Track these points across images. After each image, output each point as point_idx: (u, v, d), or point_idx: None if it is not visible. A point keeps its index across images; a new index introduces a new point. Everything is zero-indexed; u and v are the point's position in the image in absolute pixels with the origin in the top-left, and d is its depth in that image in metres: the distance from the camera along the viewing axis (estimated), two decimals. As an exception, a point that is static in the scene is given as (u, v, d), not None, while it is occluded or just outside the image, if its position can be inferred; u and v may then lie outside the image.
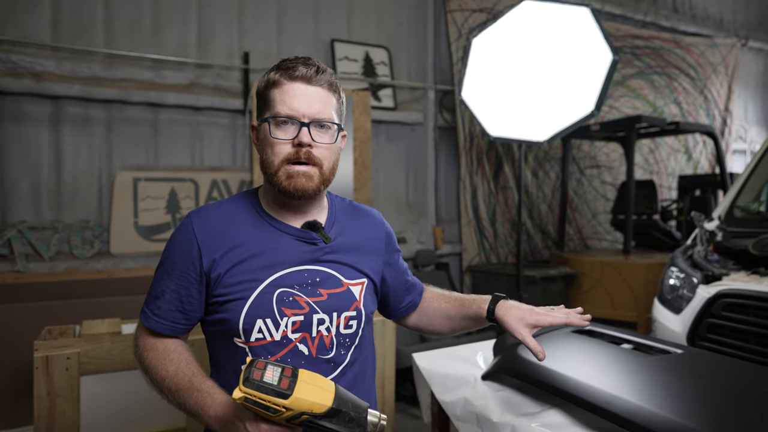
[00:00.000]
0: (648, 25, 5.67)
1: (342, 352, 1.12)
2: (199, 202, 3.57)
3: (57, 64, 3.19)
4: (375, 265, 1.20)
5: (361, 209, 1.27)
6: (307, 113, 1.04)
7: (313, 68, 1.06)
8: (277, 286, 1.06)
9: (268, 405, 0.84)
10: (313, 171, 1.06)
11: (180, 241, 1.08)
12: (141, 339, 1.10)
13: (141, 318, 1.10)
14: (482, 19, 4.51)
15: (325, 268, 1.11)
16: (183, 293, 1.06)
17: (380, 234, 1.25)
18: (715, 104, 6.21)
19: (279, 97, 1.05)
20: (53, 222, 3.22)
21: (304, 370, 0.90)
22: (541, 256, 4.92)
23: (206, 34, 3.61)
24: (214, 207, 1.13)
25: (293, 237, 1.10)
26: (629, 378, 1.33)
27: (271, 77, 1.07)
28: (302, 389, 0.86)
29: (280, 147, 1.05)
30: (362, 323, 1.15)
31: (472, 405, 1.48)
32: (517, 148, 4.69)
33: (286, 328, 1.06)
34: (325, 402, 0.87)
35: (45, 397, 1.79)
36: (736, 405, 1.19)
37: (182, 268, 1.06)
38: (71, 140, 3.28)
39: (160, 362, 1.04)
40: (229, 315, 1.05)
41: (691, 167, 6.05)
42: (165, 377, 1.02)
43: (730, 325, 2.25)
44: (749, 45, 6.62)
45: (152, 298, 1.09)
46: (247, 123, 3.71)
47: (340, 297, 1.11)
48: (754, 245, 2.52)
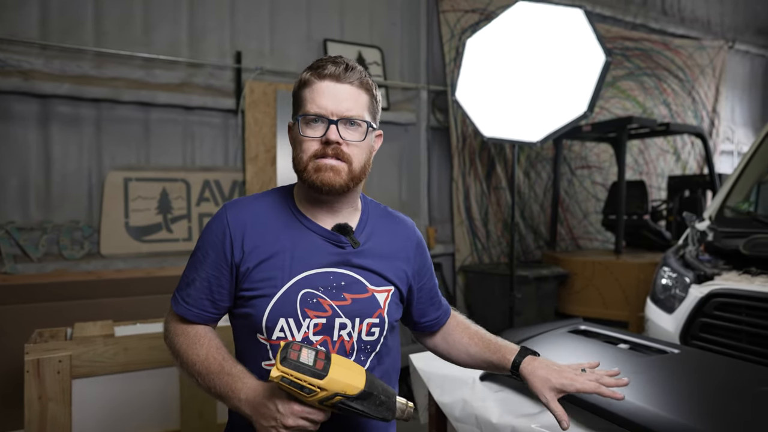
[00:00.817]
0: (638, 26, 5.72)
1: (362, 359, 1.12)
2: (191, 202, 3.54)
3: (46, 63, 3.14)
4: (402, 273, 1.19)
5: (395, 216, 1.27)
6: (336, 111, 1.05)
7: (342, 66, 1.07)
8: (302, 286, 1.06)
9: (304, 384, 0.86)
10: (341, 166, 1.06)
11: (213, 232, 1.10)
12: (172, 324, 1.12)
13: (171, 303, 1.12)
14: (475, 19, 4.52)
15: (351, 272, 1.10)
16: (213, 282, 1.08)
17: (411, 242, 1.23)
18: (703, 106, 6.29)
19: (309, 96, 1.06)
20: (42, 222, 3.17)
21: (336, 354, 0.94)
22: (533, 256, 4.94)
23: (198, 32, 3.58)
24: (249, 200, 1.15)
25: (322, 238, 1.10)
26: (628, 378, 1.33)
27: (303, 77, 1.09)
28: (336, 371, 0.89)
29: (309, 144, 1.06)
30: (384, 331, 1.14)
31: (471, 406, 1.48)
32: (510, 149, 4.71)
33: (307, 330, 1.06)
34: (358, 384, 0.90)
35: (36, 401, 1.75)
36: (734, 404, 1.20)
37: (214, 258, 1.08)
38: (60, 140, 3.23)
39: (191, 347, 1.06)
40: (254, 311, 1.06)
41: (680, 168, 6.12)
42: (195, 361, 1.04)
43: (722, 325, 2.28)
44: (736, 47, 6.70)
45: (184, 285, 1.11)
46: (240, 123, 3.68)
47: (364, 303, 1.10)
48: (745, 245, 2.55)
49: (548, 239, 5.04)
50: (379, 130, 1.16)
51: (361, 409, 0.90)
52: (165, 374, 1.99)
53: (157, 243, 3.42)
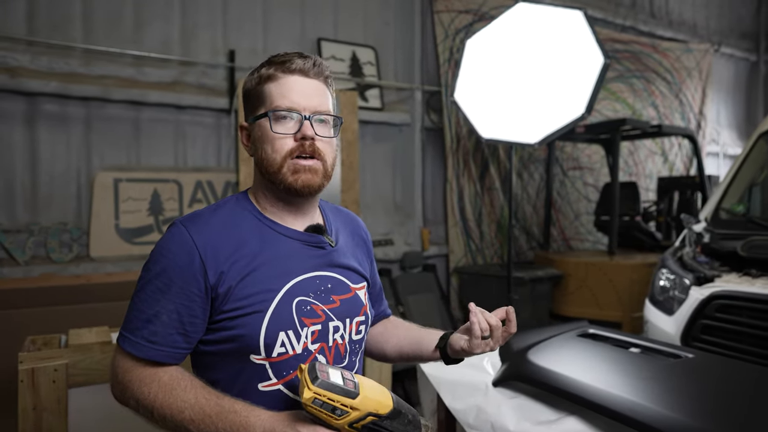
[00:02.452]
0: (627, 29, 5.77)
1: (353, 359, 1.09)
2: (183, 203, 3.46)
3: (32, 59, 3.04)
4: (367, 267, 1.20)
5: (344, 211, 1.26)
6: (308, 106, 1.00)
7: (311, 61, 1.02)
8: (293, 294, 0.99)
9: (336, 406, 0.80)
10: (317, 165, 1.01)
11: (176, 254, 0.95)
12: (131, 373, 0.94)
13: (126, 347, 0.94)
14: (468, 20, 4.51)
15: (334, 273, 1.07)
16: (184, 313, 0.94)
17: (365, 236, 1.25)
18: (690, 108, 6.37)
19: (277, 90, 1.00)
20: (28, 224, 3.07)
21: (357, 374, 0.90)
22: (525, 257, 4.95)
23: (190, 30, 3.51)
24: (208, 214, 1.03)
25: (300, 242, 1.05)
26: (647, 384, 1.32)
27: (264, 72, 1.02)
28: (366, 389, 0.84)
29: (282, 142, 0.99)
30: (368, 328, 1.13)
31: (485, 413, 1.45)
32: (505, 151, 4.71)
33: (306, 339, 1.00)
34: (388, 402, 0.85)
35: (31, 412, 1.68)
36: (759, 410, 1.19)
37: (181, 285, 0.94)
38: (48, 139, 3.13)
39: (171, 394, 0.90)
40: (246, 330, 0.95)
41: (667, 169, 6.19)
42: (183, 408, 0.88)
43: (723, 326, 2.29)
44: (721, 51, 6.81)
45: (142, 323, 0.93)
46: (233, 122, 3.61)
47: (350, 302, 1.07)
48: (743, 247, 2.57)
49: (540, 240, 5.05)
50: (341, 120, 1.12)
51: (391, 429, 0.85)
52: (164, 382, 1.93)
53: (149, 245, 3.33)
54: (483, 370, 1.68)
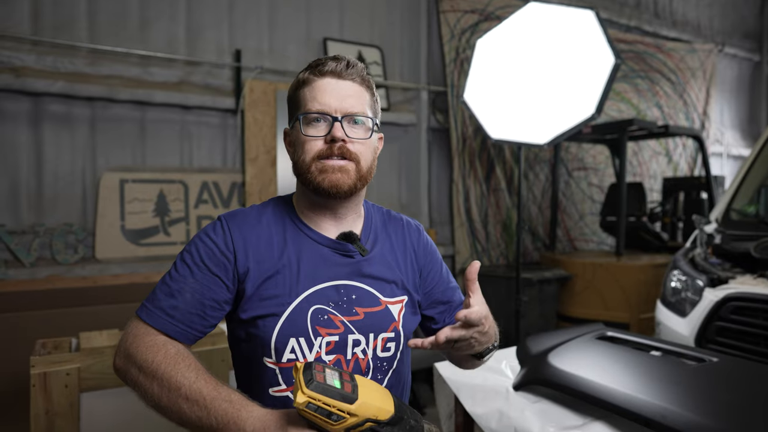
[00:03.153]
0: (632, 29, 5.76)
1: (379, 377, 1.04)
2: (188, 204, 3.43)
3: (38, 59, 3.01)
4: (414, 278, 1.13)
5: (398, 218, 1.20)
6: (339, 108, 0.99)
7: (343, 62, 1.01)
8: (311, 302, 0.98)
9: (332, 411, 0.75)
10: (349, 165, 0.99)
11: (213, 242, 0.99)
12: (141, 339, 0.92)
13: (141, 316, 0.95)
14: (474, 20, 4.49)
15: (361, 284, 1.03)
16: (207, 296, 0.96)
17: (418, 245, 1.17)
18: (694, 108, 6.36)
19: (309, 94, 1.00)
20: (34, 226, 3.04)
21: (358, 375, 0.84)
22: (531, 257, 4.93)
23: (195, 30, 3.48)
24: (248, 212, 1.06)
25: (329, 248, 1.03)
26: (674, 388, 1.30)
27: (300, 77, 1.03)
28: (366, 393, 0.79)
29: (312, 144, 0.99)
30: (401, 345, 1.06)
31: (508, 417, 1.43)
32: (510, 152, 4.69)
33: (320, 349, 0.98)
34: (389, 407, 0.81)
35: (43, 417, 1.66)
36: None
37: (212, 269, 0.96)
38: (53, 139, 3.10)
39: (174, 367, 0.87)
40: (260, 332, 0.96)
41: (671, 169, 6.18)
42: (182, 383, 0.85)
43: (739, 329, 2.27)
44: (725, 51, 6.80)
45: (164, 296, 0.95)
46: (239, 123, 3.59)
47: (378, 316, 1.03)
48: (756, 248, 2.55)
49: (546, 241, 5.03)
50: (380, 133, 1.10)
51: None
52: (176, 386, 1.91)
53: (155, 246, 3.31)
54: (502, 373, 1.66)
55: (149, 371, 0.88)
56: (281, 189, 3.64)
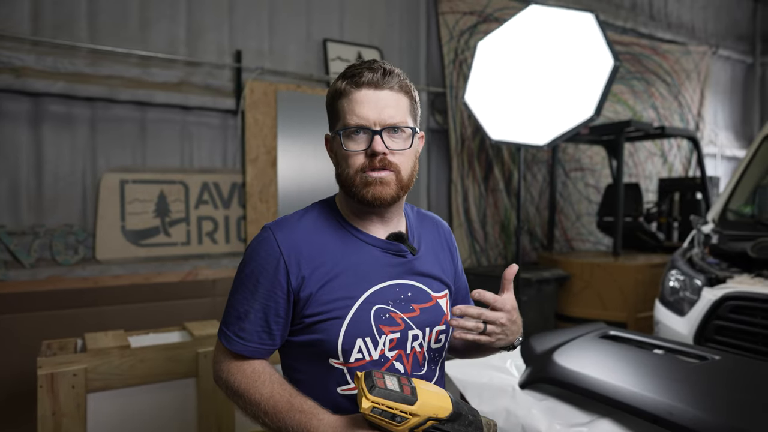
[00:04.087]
0: (628, 31, 5.81)
1: (432, 368, 1.09)
2: (189, 204, 3.43)
3: (38, 59, 3.00)
4: (451, 274, 1.18)
5: (429, 216, 1.24)
6: (378, 120, 0.99)
7: (380, 71, 1.00)
8: (372, 302, 1.01)
9: (395, 413, 0.81)
10: (389, 177, 1.00)
11: (263, 258, 1.01)
12: (225, 363, 1.04)
13: (222, 340, 1.04)
14: (473, 21, 4.51)
15: (414, 281, 1.07)
16: (270, 313, 1.01)
17: (450, 241, 1.22)
18: (689, 109, 6.42)
19: (348, 106, 1.00)
20: (34, 227, 3.03)
21: (414, 378, 0.90)
22: (528, 257, 4.96)
23: (196, 31, 3.48)
24: (295, 219, 1.07)
25: (381, 249, 1.06)
26: (679, 386, 1.32)
27: (338, 87, 1.02)
28: (424, 394, 0.85)
29: (354, 159, 1.01)
30: (449, 337, 1.13)
31: (515, 416, 1.45)
32: (508, 153, 4.72)
33: (384, 347, 1.02)
34: (447, 405, 0.86)
35: (50, 418, 1.66)
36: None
37: (268, 287, 1.00)
38: (53, 140, 3.09)
39: (252, 385, 0.99)
40: (325, 335, 0.99)
41: (666, 170, 6.24)
42: (260, 400, 0.97)
43: (737, 327, 2.30)
44: (719, 53, 6.87)
45: (234, 319, 1.03)
46: (239, 123, 3.59)
47: (431, 311, 1.08)
48: (753, 248, 2.59)
49: (544, 241, 5.07)
50: (421, 132, 1.11)
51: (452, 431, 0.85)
52: (182, 386, 1.92)
53: (155, 247, 3.31)
54: (507, 372, 1.68)
55: (233, 390, 1.01)
56: (282, 189, 3.64)
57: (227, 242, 3.54)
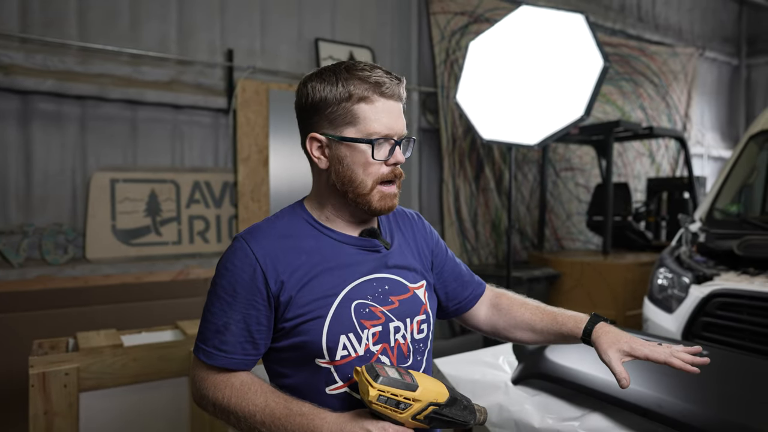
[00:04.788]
0: (617, 32, 5.87)
1: (418, 358, 1.10)
2: (180, 204, 3.42)
3: (27, 57, 2.98)
4: (427, 263, 1.19)
5: (399, 210, 1.24)
6: (399, 131, 1.01)
7: (396, 82, 1.01)
8: (351, 298, 1.02)
9: (400, 399, 0.85)
10: (397, 189, 1.06)
11: (239, 267, 1.00)
12: (208, 380, 1.01)
13: (200, 357, 1.01)
14: (464, 21, 4.54)
15: (390, 274, 1.08)
16: (251, 322, 0.99)
17: (423, 231, 1.23)
18: (676, 110, 6.50)
19: (373, 115, 0.98)
20: (22, 226, 3.00)
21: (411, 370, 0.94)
22: (519, 256, 5.00)
23: (187, 29, 3.47)
24: (266, 226, 1.06)
25: (355, 247, 1.07)
26: (668, 380, 1.34)
27: (358, 92, 0.98)
28: (423, 381, 0.89)
29: (376, 168, 1.01)
30: (431, 326, 1.14)
31: (508, 411, 1.46)
32: (499, 152, 4.76)
33: (367, 341, 1.02)
34: (444, 390, 0.90)
35: (42, 417, 1.65)
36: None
37: (247, 296, 0.99)
38: (42, 138, 3.07)
39: (243, 398, 0.97)
40: (308, 336, 0.99)
41: (654, 170, 6.31)
42: (255, 411, 0.95)
43: (724, 324, 2.34)
44: (705, 55, 6.97)
45: (212, 334, 1.00)
46: (231, 122, 3.59)
47: (410, 302, 1.09)
48: (739, 246, 2.63)
49: (534, 240, 5.11)
50: None
51: (451, 415, 0.90)
52: (174, 385, 1.91)
53: (146, 246, 3.29)
54: (500, 368, 1.70)
55: (222, 407, 0.98)
56: (273, 189, 3.64)
57: (219, 241, 3.53)
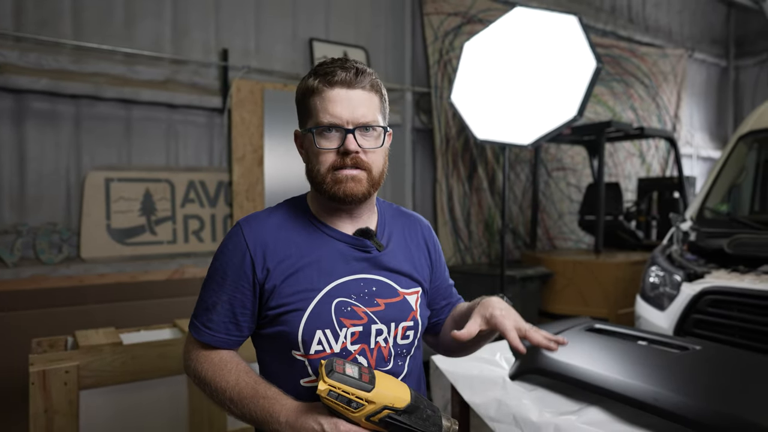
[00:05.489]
0: (608, 34, 5.93)
1: (399, 363, 1.10)
2: (175, 203, 3.42)
3: (20, 56, 2.96)
4: (426, 272, 1.19)
5: (409, 214, 1.25)
6: (351, 119, 1.00)
7: (353, 71, 1.01)
8: (334, 296, 1.03)
9: (351, 398, 0.84)
10: (361, 174, 1.02)
11: (231, 252, 1.04)
12: (194, 352, 1.07)
13: (191, 331, 1.07)
14: (457, 22, 4.57)
15: (380, 276, 1.08)
16: (236, 305, 1.03)
17: (428, 240, 1.23)
18: (666, 111, 6.59)
19: (320, 105, 1.01)
20: (16, 225, 2.99)
21: (378, 370, 0.93)
22: (512, 256, 5.04)
23: (182, 29, 3.47)
24: (264, 215, 1.09)
25: (347, 244, 1.07)
26: (663, 374, 1.37)
27: (309, 84, 1.03)
28: (382, 384, 0.88)
29: (326, 156, 1.02)
30: (418, 333, 1.13)
31: (506, 405, 1.49)
32: (492, 152, 4.79)
33: (345, 340, 1.03)
34: (405, 396, 0.88)
35: (42, 415, 1.65)
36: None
37: (234, 279, 1.03)
38: (36, 137, 3.06)
39: (218, 373, 1.01)
40: (287, 327, 1.01)
41: (644, 170, 6.39)
42: (225, 387, 0.99)
43: (715, 321, 2.39)
44: (695, 56, 7.06)
45: (202, 311, 1.06)
46: (225, 122, 3.59)
47: (397, 307, 1.09)
48: (729, 244, 2.68)
49: (526, 240, 5.15)
50: (390, 130, 1.11)
51: (408, 423, 0.88)
52: (173, 383, 1.92)
53: (141, 246, 3.29)
54: (497, 364, 1.72)
55: (200, 379, 1.03)
56: (268, 188, 3.65)
57: (214, 241, 3.53)
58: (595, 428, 1.27)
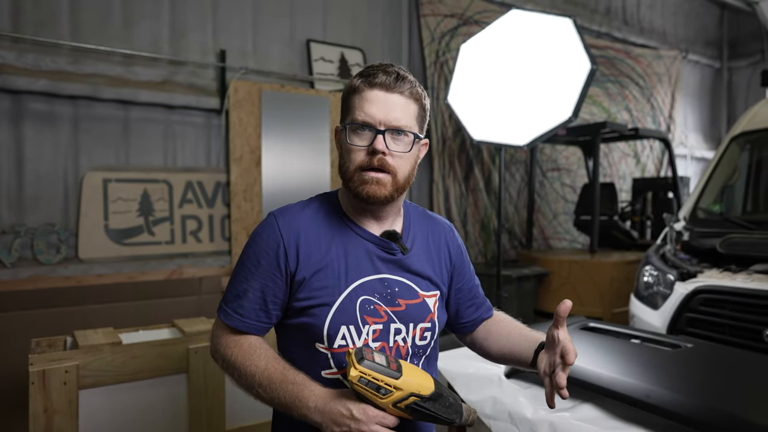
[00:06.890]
0: (603, 35, 5.98)
1: (416, 362, 1.13)
2: (173, 204, 3.43)
3: (18, 57, 2.97)
4: (446, 276, 1.21)
5: (434, 218, 1.26)
6: (384, 120, 1.03)
7: (393, 75, 1.05)
8: (359, 293, 1.06)
9: (381, 384, 0.88)
10: (386, 178, 1.04)
11: (265, 241, 1.07)
12: (222, 337, 1.10)
13: (220, 316, 1.10)
14: (453, 24, 4.60)
15: (402, 278, 1.11)
16: (267, 292, 1.06)
17: (451, 244, 1.24)
18: (661, 111, 6.63)
19: (358, 103, 1.05)
20: (14, 225, 2.99)
21: (402, 360, 0.96)
22: (507, 255, 5.07)
23: (180, 30, 3.48)
24: (298, 208, 1.13)
25: (373, 244, 1.10)
26: (655, 371, 1.40)
27: (353, 84, 1.07)
28: (408, 372, 0.91)
29: (356, 154, 1.05)
30: (435, 335, 1.16)
31: (502, 403, 1.51)
32: (488, 153, 4.82)
33: (367, 336, 1.06)
34: (429, 384, 0.92)
35: (42, 415, 1.66)
36: (761, 390, 1.28)
37: (267, 267, 1.06)
38: (34, 138, 3.06)
39: (248, 358, 1.04)
40: (314, 320, 1.04)
41: (639, 170, 6.43)
42: (255, 372, 1.02)
43: (707, 319, 2.42)
44: (689, 58, 7.11)
45: (233, 297, 1.08)
46: (223, 123, 3.60)
47: (417, 308, 1.12)
48: (721, 244, 2.72)
49: (522, 239, 5.18)
50: (425, 139, 1.14)
51: (433, 410, 0.92)
52: (173, 382, 1.93)
53: (139, 246, 3.30)
54: (494, 363, 1.75)
55: (229, 363, 1.06)
56: (266, 189, 3.66)
57: (211, 241, 3.55)
58: (588, 425, 1.30)
